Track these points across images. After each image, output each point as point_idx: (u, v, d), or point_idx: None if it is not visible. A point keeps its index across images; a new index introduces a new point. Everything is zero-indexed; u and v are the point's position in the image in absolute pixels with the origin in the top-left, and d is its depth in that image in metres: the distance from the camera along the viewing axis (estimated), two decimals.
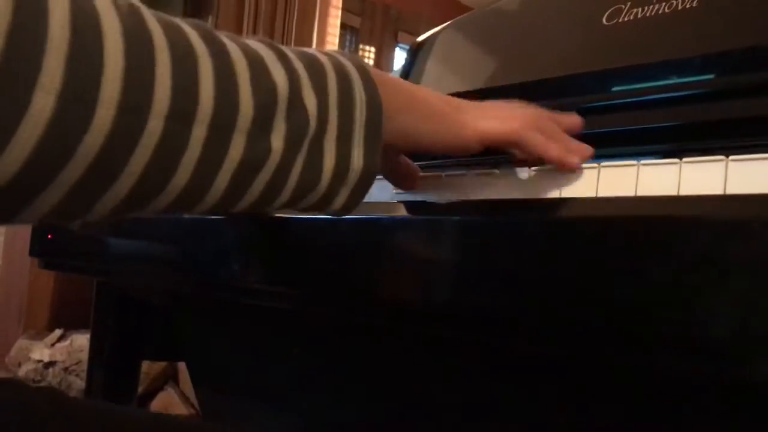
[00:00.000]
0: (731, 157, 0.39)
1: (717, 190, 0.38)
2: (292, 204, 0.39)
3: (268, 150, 0.35)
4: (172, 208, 0.34)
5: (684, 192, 0.40)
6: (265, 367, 0.99)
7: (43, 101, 0.27)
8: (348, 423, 0.87)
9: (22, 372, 1.51)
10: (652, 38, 0.71)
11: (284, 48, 0.37)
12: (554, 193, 0.46)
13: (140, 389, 1.33)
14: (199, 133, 0.32)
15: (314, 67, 0.38)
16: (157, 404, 1.45)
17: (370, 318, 0.57)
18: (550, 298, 0.38)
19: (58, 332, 1.54)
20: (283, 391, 0.98)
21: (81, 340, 1.49)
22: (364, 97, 0.39)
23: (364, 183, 0.40)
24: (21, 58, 0.26)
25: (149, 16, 0.32)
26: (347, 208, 0.41)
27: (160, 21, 0.32)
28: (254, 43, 0.37)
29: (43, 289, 1.70)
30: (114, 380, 1.07)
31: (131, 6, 0.31)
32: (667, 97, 0.64)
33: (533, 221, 0.41)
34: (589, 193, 0.44)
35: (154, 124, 0.30)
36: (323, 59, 0.39)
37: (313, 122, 0.37)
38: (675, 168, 0.41)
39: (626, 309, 0.35)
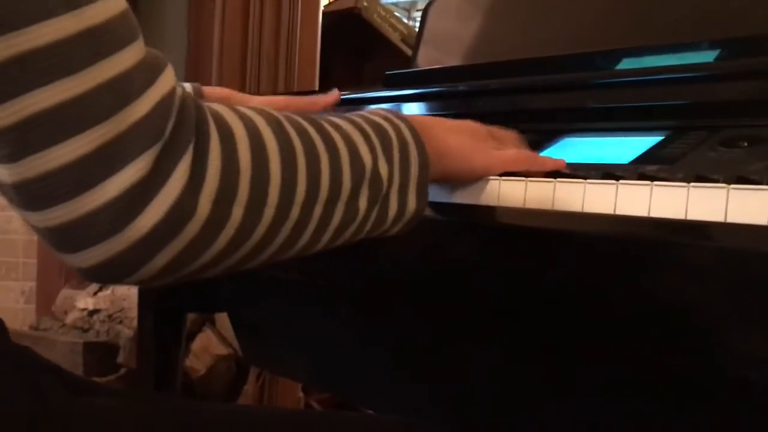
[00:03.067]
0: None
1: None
2: (361, 239, 0.51)
3: (357, 210, 0.48)
4: (285, 259, 0.46)
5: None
6: (297, 316, 1.08)
7: (237, 212, 0.40)
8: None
9: (69, 320, 1.62)
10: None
11: (364, 124, 0.50)
12: None
13: None
14: (318, 210, 0.45)
15: (385, 139, 0.51)
16: (197, 345, 1.55)
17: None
18: None
19: None
20: (312, 338, 1.07)
21: (121, 289, 1.58)
22: (417, 158, 0.52)
23: (414, 220, 0.54)
24: (227, 186, 0.39)
25: (287, 125, 0.43)
26: (398, 236, 0.54)
27: (294, 128, 0.44)
28: (345, 124, 0.49)
29: None
30: (162, 330, 1.16)
31: (276, 121, 0.43)
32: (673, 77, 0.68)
33: None
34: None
35: (294, 211, 0.43)
36: (389, 129, 0.51)
37: (385, 184, 0.50)
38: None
39: None
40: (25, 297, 2.03)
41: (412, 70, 1.08)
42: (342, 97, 1.13)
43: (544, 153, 0.72)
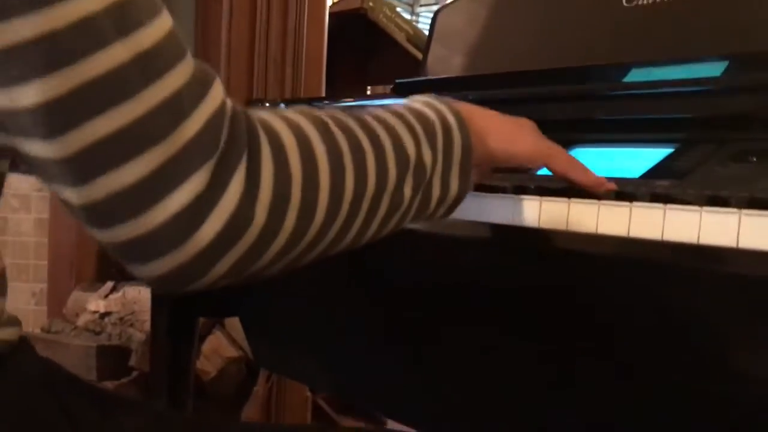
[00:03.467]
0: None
1: None
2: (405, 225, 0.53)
3: (402, 198, 0.50)
4: (337, 251, 0.48)
5: None
6: (309, 322, 1.10)
7: (290, 217, 0.42)
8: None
9: (80, 322, 1.63)
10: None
11: (407, 114, 0.51)
12: None
13: None
14: (365, 204, 0.47)
15: (428, 127, 0.52)
16: (207, 347, 1.57)
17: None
18: None
19: (109, 284, 1.65)
20: (324, 344, 1.08)
21: (132, 291, 1.60)
22: (460, 141, 0.53)
23: (457, 203, 0.55)
24: (280, 194, 0.41)
25: (333, 126, 0.45)
26: (440, 219, 0.56)
27: (340, 128, 0.46)
28: (389, 117, 0.50)
29: (91, 241, 1.79)
30: (175, 333, 1.17)
31: (322, 123, 0.44)
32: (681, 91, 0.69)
33: None
34: None
35: (344, 209, 0.45)
36: (432, 116, 0.52)
37: (428, 170, 0.51)
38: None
39: None
40: (36, 299, 2.04)
41: (422, 78, 1.08)
42: (350, 104, 1.14)
43: None
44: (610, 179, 0.63)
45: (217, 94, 0.40)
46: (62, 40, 0.34)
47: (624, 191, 0.55)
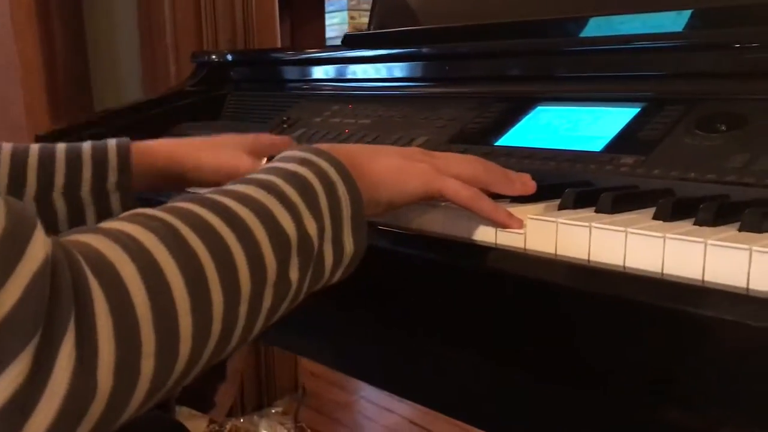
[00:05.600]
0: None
1: None
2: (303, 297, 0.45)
3: (288, 284, 0.42)
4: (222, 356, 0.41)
5: None
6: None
7: (147, 365, 0.34)
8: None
9: None
10: None
11: (280, 182, 0.43)
12: None
13: None
14: (242, 310, 0.39)
15: (306, 192, 0.44)
16: None
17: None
18: None
19: None
20: (319, 324, 1.05)
21: None
22: (347, 197, 0.46)
23: (355, 260, 0.47)
24: (126, 346, 0.32)
25: (184, 229, 0.37)
26: (341, 279, 0.48)
27: (194, 227, 0.38)
28: (258, 193, 0.42)
29: None
30: None
31: (168, 229, 0.37)
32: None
33: None
34: None
35: (215, 327, 0.37)
36: (309, 176, 0.44)
37: (315, 242, 0.43)
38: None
39: None
40: None
41: (371, 32, 1.02)
42: (304, 56, 1.09)
43: (520, 125, 0.69)
44: (571, 152, 0.59)
45: (37, 250, 0.30)
46: None
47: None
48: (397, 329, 0.60)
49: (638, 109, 0.62)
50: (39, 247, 0.31)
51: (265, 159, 0.73)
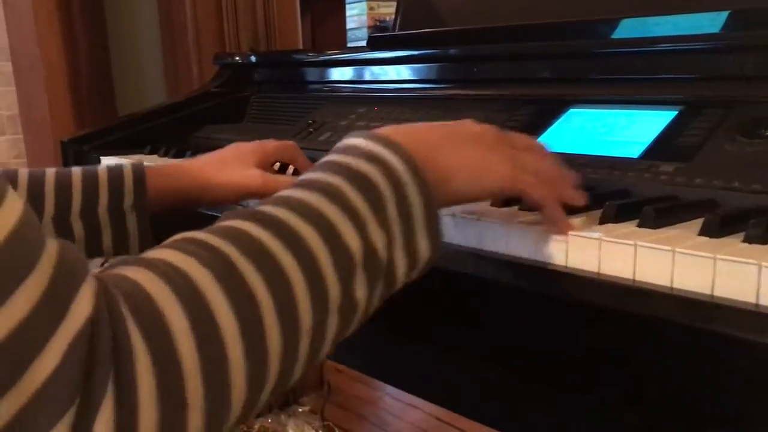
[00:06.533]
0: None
1: None
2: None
3: (355, 304, 0.38)
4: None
5: None
6: None
7: (194, 420, 0.31)
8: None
9: None
10: None
11: (345, 186, 0.39)
12: None
13: None
14: (303, 343, 0.35)
15: (374, 196, 0.39)
16: None
17: None
18: None
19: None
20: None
21: None
22: (418, 200, 0.41)
23: (432, 262, 0.43)
24: (169, 406, 0.29)
25: (241, 261, 0.34)
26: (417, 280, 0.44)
27: (252, 257, 0.34)
28: (321, 202, 0.38)
29: None
30: None
31: (225, 263, 0.33)
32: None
33: None
34: None
35: (272, 370, 0.34)
36: (376, 177, 0.40)
37: (383, 254, 0.39)
38: None
39: None
40: None
41: (398, 33, 1.01)
42: (328, 58, 1.08)
43: (552, 128, 0.68)
44: (607, 158, 0.58)
45: (82, 308, 0.28)
46: None
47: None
48: (430, 339, 0.59)
49: (675, 113, 0.60)
50: (85, 303, 0.28)
51: (277, 165, 0.74)
